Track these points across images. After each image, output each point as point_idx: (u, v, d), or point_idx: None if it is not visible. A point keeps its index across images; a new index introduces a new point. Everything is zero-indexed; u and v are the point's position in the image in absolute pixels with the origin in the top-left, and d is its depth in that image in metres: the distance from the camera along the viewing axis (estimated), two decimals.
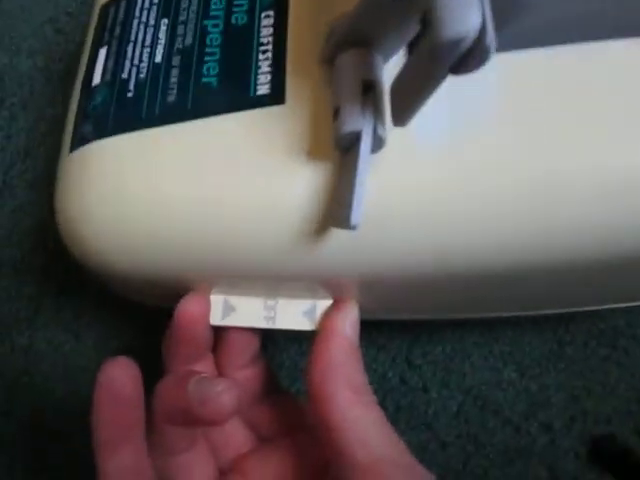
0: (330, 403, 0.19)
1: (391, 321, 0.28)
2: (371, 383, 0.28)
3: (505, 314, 0.25)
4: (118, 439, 0.19)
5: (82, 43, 0.24)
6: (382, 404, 0.27)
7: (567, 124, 0.17)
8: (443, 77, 0.14)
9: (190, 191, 0.19)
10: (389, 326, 0.29)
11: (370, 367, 0.28)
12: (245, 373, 0.23)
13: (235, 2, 0.22)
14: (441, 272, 0.19)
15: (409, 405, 0.27)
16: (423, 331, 0.29)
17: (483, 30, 0.12)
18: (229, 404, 0.18)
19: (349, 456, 0.18)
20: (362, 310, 0.23)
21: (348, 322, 0.21)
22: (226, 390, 0.18)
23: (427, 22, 0.13)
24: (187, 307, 0.21)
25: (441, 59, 0.13)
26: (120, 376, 0.19)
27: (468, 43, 0.12)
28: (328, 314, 0.21)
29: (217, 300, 0.22)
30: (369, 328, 0.29)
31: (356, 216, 0.16)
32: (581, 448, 0.26)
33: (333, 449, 0.19)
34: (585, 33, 0.18)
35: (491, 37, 0.12)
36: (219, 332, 0.23)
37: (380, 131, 0.16)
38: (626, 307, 0.25)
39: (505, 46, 0.18)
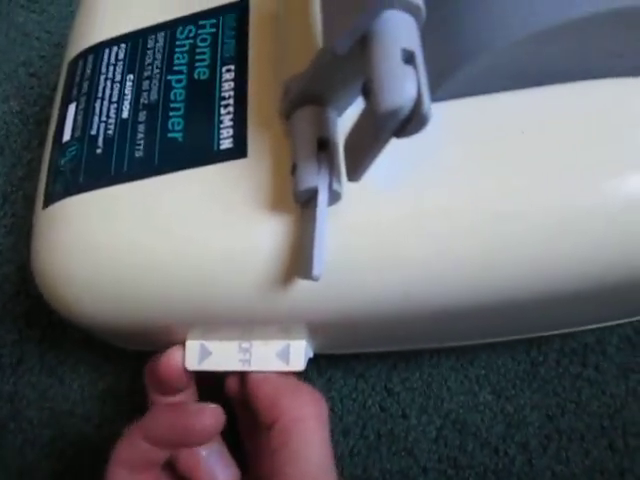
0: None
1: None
2: (351, 412, 0.29)
3: (478, 342, 0.25)
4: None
5: (57, 87, 0.25)
6: (362, 432, 0.28)
7: (512, 168, 0.18)
8: (386, 140, 0.14)
9: (161, 246, 0.20)
10: (367, 355, 0.29)
11: (350, 396, 0.29)
12: None
13: (197, 57, 0.22)
14: (406, 311, 0.20)
15: (389, 432, 0.28)
16: (401, 358, 0.29)
17: (419, 100, 0.13)
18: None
19: None
20: (335, 346, 0.24)
21: None
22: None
23: (367, 91, 0.14)
24: (171, 360, 0.22)
25: (381, 126, 0.14)
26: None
27: (405, 112, 0.13)
28: None
29: (193, 345, 0.22)
30: (347, 358, 0.29)
31: (318, 267, 0.17)
32: (557, 467, 0.27)
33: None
34: (525, 80, 0.18)
35: (427, 105, 0.13)
36: None
37: (336, 186, 0.17)
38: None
39: (451, 94, 0.19)
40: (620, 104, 0.19)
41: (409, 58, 0.14)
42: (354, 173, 0.16)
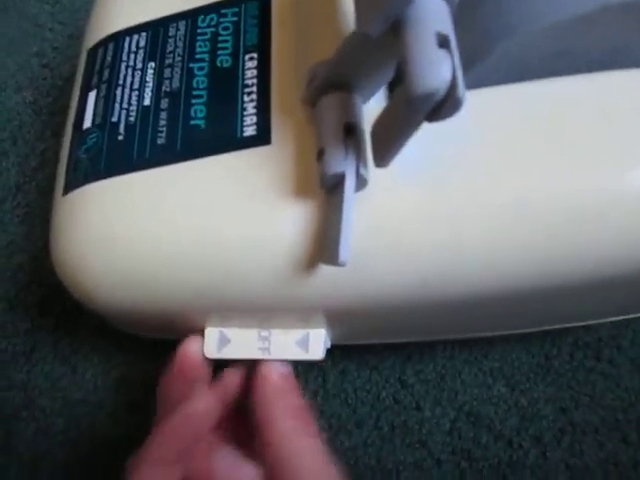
0: (273, 427, 0.21)
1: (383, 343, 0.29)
2: (365, 404, 0.29)
3: (494, 334, 0.25)
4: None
5: (69, 78, 0.25)
6: (376, 424, 0.28)
7: (538, 155, 0.18)
8: (418, 124, 0.14)
9: (182, 232, 0.20)
10: (381, 347, 0.29)
11: (364, 388, 0.29)
12: None
13: (219, 45, 0.22)
14: (427, 299, 0.20)
15: (403, 424, 0.28)
16: (415, 350, 0.29)
17: (454, 84, 0.13)
18: None
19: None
20: (353, 336, 0.24)
21: None
22: None
23: (402, 73, 0.14)
24: (188, 348, 0.22)
25: (415, 109, 0.14)
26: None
27: (440, 96, 0.13)
28: None
29: (212, 333, 0.22)
30: (361, 350, 0.29)
31: (344, 253, 0.17)
32: (571, 459, 0.27)
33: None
34: (548, 70, 0.18)
35: (462, 89, 0.13)
36: None
37: (363, 171, 0.17)
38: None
39: (477, 83, 0.19)
40: None
41: (443, 42, 0.14)
42: (382, 159, 0.16)
